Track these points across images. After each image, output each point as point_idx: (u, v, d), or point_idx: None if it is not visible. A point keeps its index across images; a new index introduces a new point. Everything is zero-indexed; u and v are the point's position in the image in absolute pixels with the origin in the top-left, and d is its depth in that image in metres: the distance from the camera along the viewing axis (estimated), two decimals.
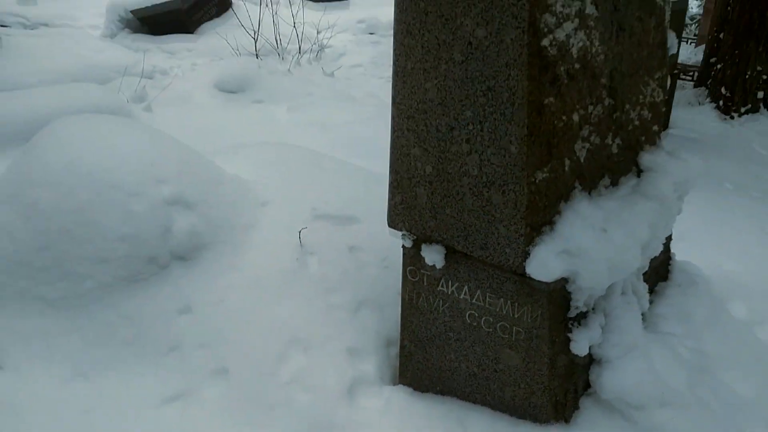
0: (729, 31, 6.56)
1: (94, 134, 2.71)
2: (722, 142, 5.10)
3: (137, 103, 5.13)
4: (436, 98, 1.85)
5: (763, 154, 4.89)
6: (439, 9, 1.77)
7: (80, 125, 2.76)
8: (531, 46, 1.64)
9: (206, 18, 8.86)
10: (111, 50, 7.02)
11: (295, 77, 6.23)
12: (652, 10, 2.29)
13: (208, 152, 3.36)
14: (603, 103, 2.06)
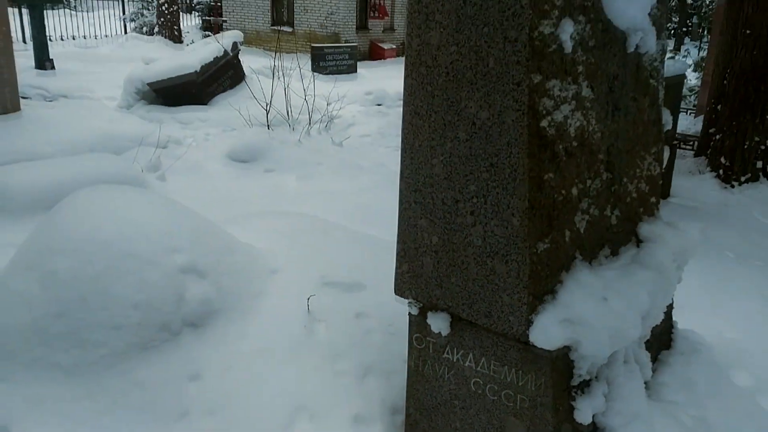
0: (726, 103, 6.76)
1: (113, 205, 2.82)
2: (723, 210, 5.19)
3: (151, 172, 5.28)
4: (442, 173, 1.95)
5: (763, 223, 4.96)
6: (445, 93, 1.90)
7: (99, 196, 2.87)
8: (531, 126, 1.75)
9: (220, 90, 9.19)
10: (127, 121, 7.27)
11: (304, 147, 6.41)
12: (646, 90, 2.42)
13: (221, 220, 3.47)
14: (601, 177, 2.16)
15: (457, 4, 1.83)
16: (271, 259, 3.10)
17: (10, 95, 6.13)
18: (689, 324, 2.69)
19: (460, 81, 1.85)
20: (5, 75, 6.00)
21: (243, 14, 20.17)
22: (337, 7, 19.15)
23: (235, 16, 20.23)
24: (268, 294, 2.87)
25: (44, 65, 10.82)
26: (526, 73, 1.72)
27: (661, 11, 2.49)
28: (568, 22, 1.86)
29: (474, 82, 1.83)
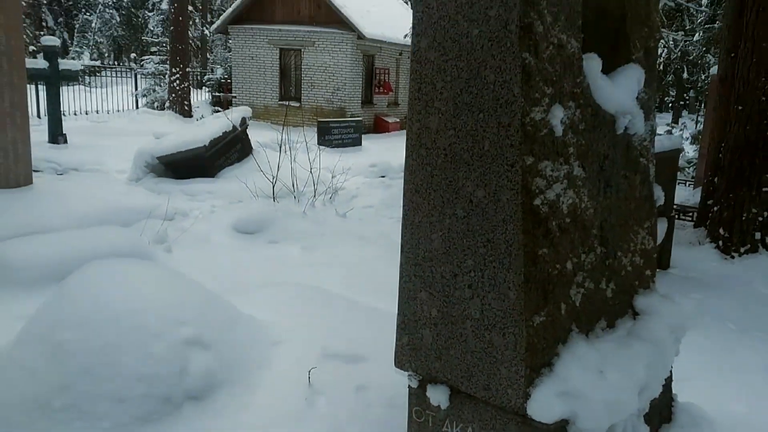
0: (722, 176, 6.88)
1: (121, 279, 2.89)
2: (723, 281, 5.22)
3: (158, 244, 5.38)
4: (441, 248, 2.03)
5: (764, 294, 4.98)
6: (443, 173, 2.00)
7: (108, 270, 2.95)
8: (524, 205, 1.84)
9: (227, 163, 9.42)
10: (135, 194, 7.42)
11: (309, 218, 6.53)
12: (636, 168, 2.53)
13: (225, 291, 3.53)
14: (595, 252, 2.23)
15: (454, 92, 1.95)
16: (273, 330, 3.14)
17: (23, 170, 6.30)
18: (690, 397, 2.69)
19: (458, 162, 1.96)
20: (20, 150, 6.19)
21: (252, 90, 20.84)
22: (343, 83, 19.81)
23: (244, 91, 20.89)
24: (269, 366, 2.89)
25: (57, 140, 11.15)
26: (519, 156, 1.83)
27: (648, 95, 2.64)
28: (558, 108, 1.98)
29: (471, 163, 1.93)
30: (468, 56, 1.92)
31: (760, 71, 6.44)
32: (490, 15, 1.86)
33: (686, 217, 8.06)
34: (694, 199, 8.50)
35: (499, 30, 1.84)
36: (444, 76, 1.97)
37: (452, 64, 1.95)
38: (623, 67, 2.50)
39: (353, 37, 19.27)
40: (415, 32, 2.04)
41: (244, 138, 9.91)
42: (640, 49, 2.58)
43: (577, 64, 2.10)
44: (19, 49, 5.99)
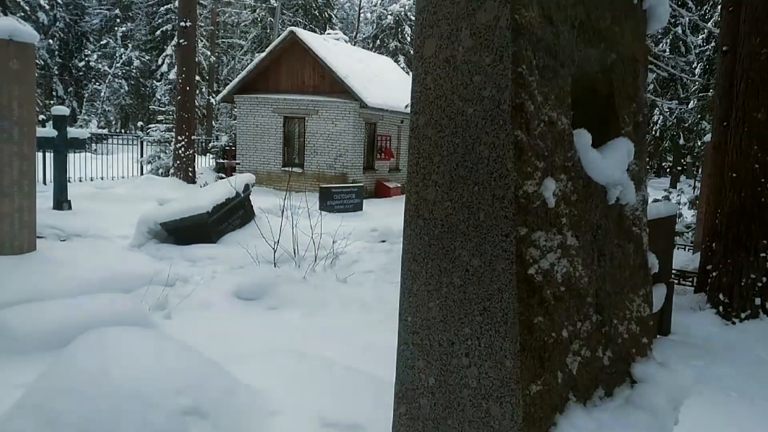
0: (719, 241, 6.94)
1: (120, 348, 2.91)
2: (725, 348, 5.19)
3: (158, 311, 5.39)
4: (438, 316, 2.06)
5: (766, 360, 4.95)
6: (440, 242, 2.06)
7: (108, 339, 2.98)
8: (519, 274, 1.89)
9: (230, 229, 9.50)
10: (137, 260, 7.48)
11: (309, 284, 6.55)
12: (630, 237, 2.59)
13: (224, 359, 3.52)
14: (591, 319, 2.26)
15: (450, 166, 2.04)
16: (271, 399, 3.13)
17: (27, 236, 6.39)
18: None
19: (455, 232, 2.02)
20: (25, 217, 6.29)
21: (256, 156, 21.22)
22: (345, 149, 20.19)
23: (248, 158, 21.27)
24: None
25: (62, 206, 11.30)
26: (513, 227, 1.89)
27: (639, 166, 2.73)
28: (550, 181, 2.06)
29: (467, 233, 1.99)
30: (463, 133, 2.01)
31: (752, 140, 6.59)
32: (483, 95, 1.97)
33: (686, 282, 8.07)
34: (693, 264, 8.52)
35: (492, 109, 1.94)
36: (441, 151, 2.06)
37: (448, 140, 2.04)
38: (613, 140, 2.60)
39: (356, 105, 19.78)
40: (413, 110, 2.14)
41: (247, 204, 10.04)
42: (629, 124, 2.69)
43: (568, 139, 2.20)
44: (30, 119, 6.19)
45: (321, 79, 20.39)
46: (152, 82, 34.93)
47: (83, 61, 34.81)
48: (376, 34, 38.84)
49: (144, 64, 35.80)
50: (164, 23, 35.23)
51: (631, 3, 2.71)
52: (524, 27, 1.95)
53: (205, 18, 36.31)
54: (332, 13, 41.76)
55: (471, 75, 1.97)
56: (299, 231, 7.94)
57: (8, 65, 5.81)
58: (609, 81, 2.60)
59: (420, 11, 2.15)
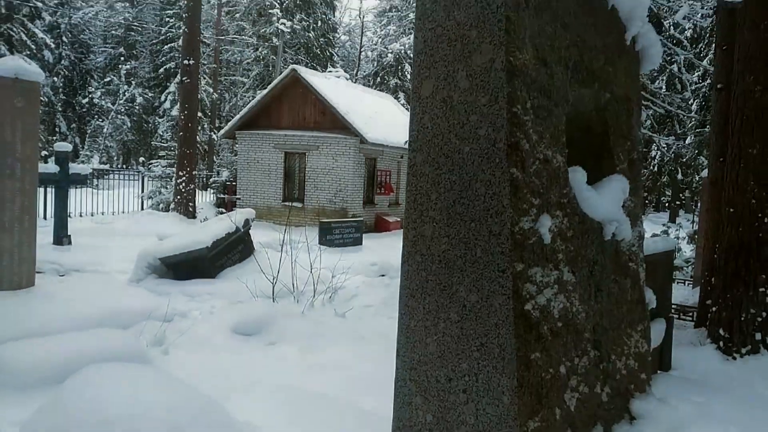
0: (718, 276, 6.91)
1: (117, 384, 2.90)
2: (725, 383, 5.14)
3: (156, 347, 5.36)
4: (435, 352, 2.07)
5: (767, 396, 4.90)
6: (438, 278, 2.09)
7: (105, 375, 2.97)
8: (516, 309, 1.91)
9: (229, 264, 9.50)
10: (135, 295, 7.46)
11: (308, 319, 6.52)
12: (626, 273, 2.61)
13: (221, 395, 3.50)
14: (589, 355, 2.27)
15: (447, 203, 2.08)
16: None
17: (26, 271, 6.39)
18: None
19: (452, 268, 2.05)
20: (25, 253, 6.31)
21: (256, 191, 21.33)
22: (345, 184, 20.31)
23: (248, 193, 21.38)
24: None
25: (62, 241, 11.31)
26: (510, 262, 1.92)
27: (634, 203, 2.77)
28: (546, 218, 2.09)
29: (464, 269, 2.02)
30: (460, 170, 2.05)
31: (748, 175, 6.63)
32: (479, 134, 2.01)
33: (686, 317, 8.03)
34: (693, 299, 8.49)
35: (488, 148, 1.99)
36: (438, 188, 2.10)
37: (445, 177, 2.09)
38: (608, 177, 2.65)
39: (356, 141, 19.97)
40: (411, 148, 2.19)
41: (247, 238, 10.06)
42: (624, 161, 2.74)
43: (563, 176, 2.24)
44: (33, 155, 6.25)
45: (322, 116, 20.63)
46: (155, 118, 35.31)
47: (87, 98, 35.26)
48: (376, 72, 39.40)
49: (147, 101, 36.25)
50: (168, 61, 35.77)
51: (624, 44, 2.79)
52: (519, 69, 2.01)
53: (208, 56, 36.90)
54: (333, 51, 42.47)
55: (467, 115, 2.02)
56: (298, 265, 7.94)
57: (13, 103, 5.91)
58: (603, 120, 2.66)
59: (418, 53, 2.22)
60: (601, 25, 2.56)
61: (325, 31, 40.83)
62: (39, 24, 31.31)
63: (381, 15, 47.05)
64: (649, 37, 2.95)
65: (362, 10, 53.39)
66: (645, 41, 2.93)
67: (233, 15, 42.36)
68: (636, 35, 2.86)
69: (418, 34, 2.20)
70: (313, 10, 39.50)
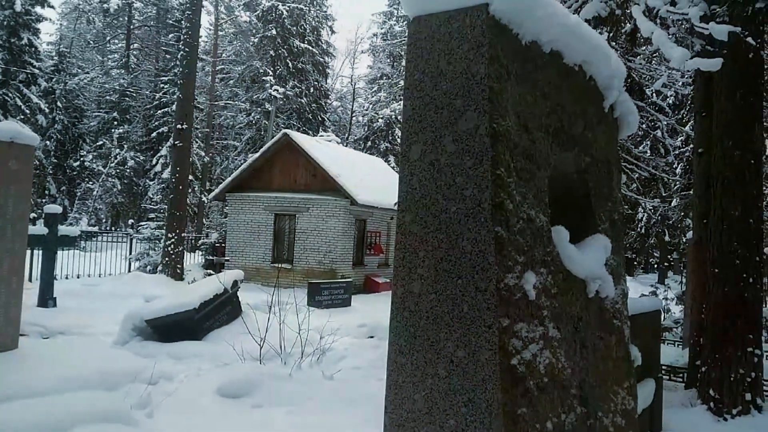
0: (707, 336, 6.97)
1: None
2: None
3: (141, 409, 5.28)
4: (423, 408, 2.09)
5: None
6: (426, 334, 2.13)
7: None
8: (502, 364, 1.95)
9: (216, 325, 9.43)
10: (121, 357, 7.37)
11: (295, 381, 6.46)
12: (611, 329, 2.66)
13: None
14: (575, 411, 2.29)
15: (435, 260, 2.14)
16: None
17: (11, 333, 6.33)
18: None
19: (439, 324, 2.09)
20: (11, 314, 6.26)
21: (246, 253, 21.32)
22: (335, 245, 20.36)
23: (237, 254, 21.35)
24: None
25: (47, 303, 11.20)
26: (496, 318, 1.97)
27: (617, 261, 2.85)
28: (531, 274, 2.16)
29: (451, 324, 2.07)
30: (447, 229, 2.13)
31: (732, 236, 6.78)
32: (465, 195, 2.10)
33: (677, 378, 8.02)
34: (683, 359, 8.49)
35: (473, 207, 2.08)
36: (426, 246, 2.17)
37: (433, 235, 2.16)
38: (591, 237, 2.73)
39: (347, 203, 20.16)
40: (400, 209, 2.27)
41: (235, 300, 10.02)
42: (606, 221, 2.84)
43: (547, 235, 2.32)
44: (24, 217, 6.30)
45: (312, 178, 20.89)
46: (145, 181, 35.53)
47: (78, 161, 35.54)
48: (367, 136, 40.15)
49: (138, 164, 36.57)
50: (160, 125, 36.32)
51: (603, 112, 2.93)
52: (502, 134, 2.12)
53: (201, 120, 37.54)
54: (325, 116, 43.36)
55: (454, 176, 2.12)
56: (286, 327, 7.90)
57: (7, 166, 6.00)
58: (584, 182, 2.77)
59: (406, 120, 2.33)
60: (579, 94, 2.70)
61: (317, 97, 41.81)
62: (34, 90, 31.88)
63: (372, 82, 48.38)
64: (626, 105, 3.10)
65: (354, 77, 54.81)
66: (623, 109, 3.08)
67: (227, 82, 43.38)
68: (614, 103, 3.01)
69: (407, 102, 2.32)
70: (305, 77, 40.56)
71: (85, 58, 46.83)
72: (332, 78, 51.55)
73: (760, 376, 6.56)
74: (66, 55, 38.77)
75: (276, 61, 38.54)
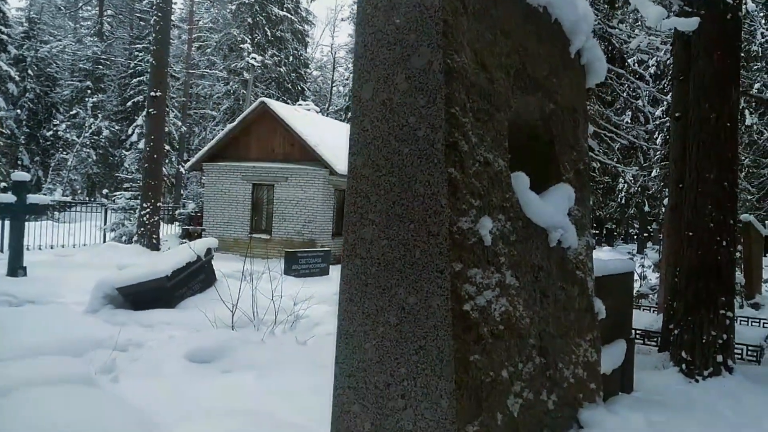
0: (680, 300, 6.99)
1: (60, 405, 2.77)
2: (687, 405, 5.13)
3: (106, 374, 5.17)
4: (374, 357, 2.01)
5: (729, 417, 4.90)
6: (377, 281, 2.03)
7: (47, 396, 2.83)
8: (454, 310, 1.87)
9: (189, 293, 9.31)
10: (90, 325, 7.22)
11: (267, 347, 6.38)
12: (573, 280, 2.59)
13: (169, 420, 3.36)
14: (534, 361, 2.22)
15: (387, 204, 2.04)
16: None
17: None
18: None
19: (391, 270, 2.00)
20: None
21: (223, 223, 21.10)
22: (314, 216, 20.20)
23: (215, 225, 21.13)
24: None
25: (16, 272, 10.98)
26: (448, 263, 1.88)
27: (581, 212, 2.77)
28: (487, 219, 2.07)
29: (403, 270, 1.97)
30: (399, 172, 2.03)
31: (706, 200, 6.76)
32: (418, 135, 1.99)
33: (651, 342, 8.07)
34: (657, 325, 8.54)
35: (427, 148, 1.97)
36: (378, 190, 2.07)
37: (385, 179, 2.06)
38: (554, 186, 2.65)
39: (326, 173, 19.95)
40: (351, 152, 2.16)
41: (208, 268, 9.89)
42: (570, 171, 2.75)
43: (506, 180, 2.23)
44: None
45: (291, 147, 20.62)
46: (121, 151, 34.91)
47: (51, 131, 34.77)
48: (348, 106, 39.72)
49: (113, 134, 35.88)
50: (136, 94, 35.59)
51: (569, 57, 2.82)
52: (456, 71, 2.00)
53: (178, 89, 36.83)
54: (305, 86, 42.78)
55: (406, 116, 2.01)
56: (261, 294, 7.80)
57: None
58: (549, 129, 2.67)
59: (358, 57, 2.21)
60: (544, 36, 2.59)
61: (297, 67, 41.18)
62: (4, 57, 30.97)
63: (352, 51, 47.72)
64: (594, 51, 3.00)
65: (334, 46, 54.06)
66: (590, 55, 2.98)
67: (204, 50, 42.51)
68: (581, 49, 2.90)
69: (359, 38, 2.19)
70: (284, 45, 39.87)
71: (56, 25, 45.51)
72: (312, 47, 50.83)
73: (731, 338, 6.61)
74: (36, 21, 37.65)
75: (254, 29, 37.80)
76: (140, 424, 2.88)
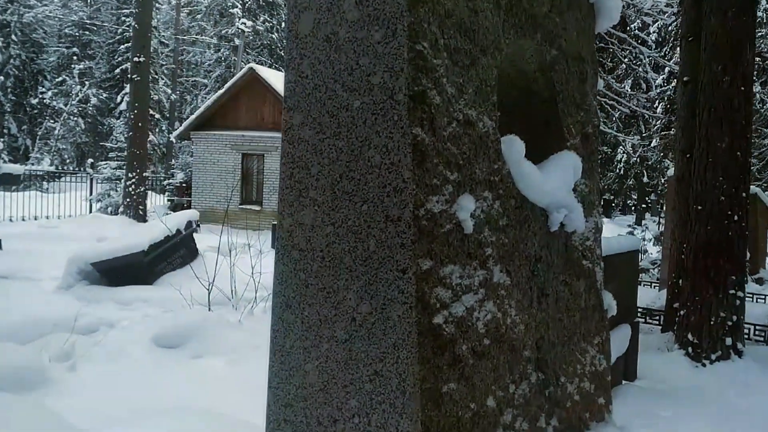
0: (687, 278, 6.57)
1: None
2: (695, 393, 4.72)
3: (62, 362, 4.72)
4: (317, 383, 1.51)
5: (740, 406, 4.48)
6: (320, 281, 1.53)
7: None
8: (420, 324, 1.37)
9: (168, 269, 8.85)
10: (59, 304, 6.79)
11: (244, 328, 5.94)
12: (579, 272, 2.09)
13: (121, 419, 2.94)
14: (529, 380, 1.74)
15: (332, 178, 1.52)
16: None
17: None
18: None
19: (338, 267, 1.49)
20: None
21: (213, 194, 20.58)
22: None
23: (204, 195, 20.62)
24: None
25: None
26: (413, 258, 1.37)
27: (589, 186, 2.25)
28: (468, 199, 1.55)
29: (353, 268, 1.47)
30: (348, 133, 1.50)
31: (717, 171, 6.30)
32: (373, 83, 1.47)
33: (653, 320, 7.66)
34: (660, 302, 8.15)
35: (384, 101, 1.45)
36: (320, 159, 1.55)
37: (330, 143, 1.53)
38: (556, 154, 2.13)
39: None
40: (286, 106, 1.64)
41: (190, 242, 9.40)
42: (576, 135, 2.23)
43: (494, 146, 1.71)
44: None
45: (281, 116, 20.03)
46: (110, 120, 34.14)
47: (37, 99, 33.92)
48: None
49: (102, 102, 35.05)
50: (124, 61, 34.64)
51: None
52: None
53: (167, 56, 35.88)
54: None
55: (357, 57, 1.48)
56: (241, 270, 7.32)
57: None
58: (550, 82, 2.14)
59: None
60: None
61: None
62: None
63: None
64: None
65: None
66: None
67: (194, 15, 41.43)
68: None
69: None
70: (276, 11, 38.78)
71: None
72: None
73: (741, 320, 6.20)
74: None
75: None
76: None
